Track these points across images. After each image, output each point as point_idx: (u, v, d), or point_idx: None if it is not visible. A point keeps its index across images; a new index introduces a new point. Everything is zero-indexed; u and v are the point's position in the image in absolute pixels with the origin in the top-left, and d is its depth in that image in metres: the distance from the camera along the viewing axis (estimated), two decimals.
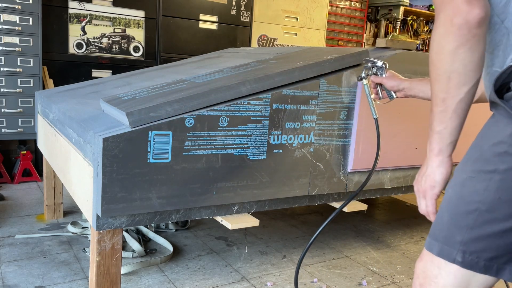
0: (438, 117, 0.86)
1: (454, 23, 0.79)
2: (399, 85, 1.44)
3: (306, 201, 1.73)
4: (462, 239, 0.80)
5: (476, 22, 0.78)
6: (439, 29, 0.82)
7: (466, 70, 0.81)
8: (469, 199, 0.80)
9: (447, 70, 0.82)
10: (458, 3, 0.79)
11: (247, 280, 1.86)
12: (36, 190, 2.84)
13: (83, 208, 1.43)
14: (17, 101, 2.76)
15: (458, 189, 0.82)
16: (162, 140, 1.30)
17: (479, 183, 0.79)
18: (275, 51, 2.08)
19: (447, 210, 0.83)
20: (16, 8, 2.67)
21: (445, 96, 0.83)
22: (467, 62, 0.80)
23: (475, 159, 0.81)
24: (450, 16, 0.79)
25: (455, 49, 0.80)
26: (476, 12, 0.78)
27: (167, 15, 3.45)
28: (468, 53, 0.80)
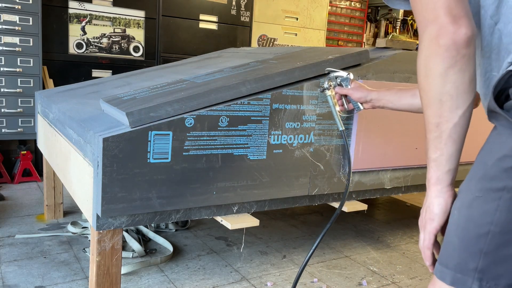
0: (433, 143, 0.81)
1: (441, 44, 0.75)
2: (366, 96, 1.38)
3: (306, 201, 1.73)
4: (477, 266, 0.74)
5: (464, 42, 0.74)
6: (425, 51, 0.78)
7: (458, 92, 0.76)
8: (480, 221, 0.74)
9: (438, 93, 0.77)
10: (443, 23, 0.75)
11: (247, 280, 1.86)
12: (36, 190, 2.84)
13: (83, 208, 1.43)
14: (17, 101, 2.76)
15: (465, 212, 0.76)
16: (162, 140, 1.30)
17: (488, 203, 0.73)
18: (275, 51, 2.08)
19: (456, 235, 0.77)
20: (16, 8, 2.67)
21: (439, 121, 0.79)
22: (458, 84, 0.76)
23: (480, 176, 0.75)
24: (435, 36, 0.76)
25: (445, 71, 0.76)
26: (463, 31, 0.74)
27: (167, 15, 3.45)
28: (458, 75, 0.76)
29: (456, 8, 0.75)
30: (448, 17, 0.74)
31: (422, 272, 2.06)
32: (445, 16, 0.75)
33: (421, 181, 2.03)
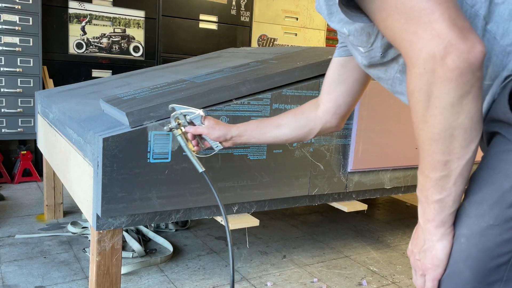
0: (439, 184, 0.67)
1: (453, 67, 0.58)
2: (226, 134, 1.19)
3: (306, 201, 1.73)
4: None
5: (480, 63, 0.59)
6: (426, 76, 0.61)
7: (472, 124, 0.62)
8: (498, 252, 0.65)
9: (448, 127, 0.62)
10: (449, 38, 0.58)
11: (247, 280, 1.86)
12: (36, 190, 2.84)
13: (83, 208, 1.43)
14: (17, 101, 2.76)
15: (477, 241, 0.67)
16: (162, 140, 1.30)
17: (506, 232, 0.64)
18: (275, 51, 2.08)
19: (467, 266, 0.68)
20: (16, 8, 2.67)
21: (448, 159, 0.64)
22: (473, 114, 0.61)
23: (494, 201, 0.65)
24: (442, 56, 0.59)
25: (458, 100, 0.60)
26: (479, 49, 0.59)
27: (167, 15, 3.45)
28: (474, 103, 0.61)
29: (459, 19, 0.59)
30: (453, 31, 0.58)
31: None
32: (449, 30, 0.58)
33: None
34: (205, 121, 1.21)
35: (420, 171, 0.70)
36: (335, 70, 1.09)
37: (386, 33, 0.66)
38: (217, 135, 1.20)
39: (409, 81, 0.64)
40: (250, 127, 1.19)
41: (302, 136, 1.16)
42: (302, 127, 1.15)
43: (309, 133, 1.15)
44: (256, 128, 1.19)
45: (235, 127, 1.20)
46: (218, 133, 1.19)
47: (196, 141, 1.23)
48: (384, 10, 0.64)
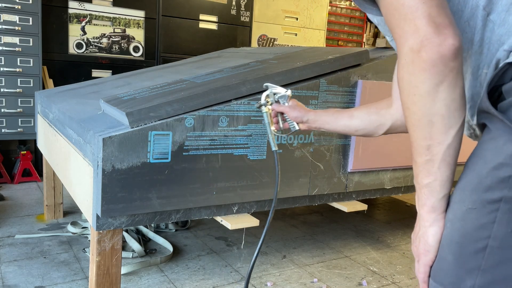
0: (424, 168, 0.72)
1: (426, 58, 0.66)
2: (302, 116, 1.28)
3: (306, 201, 1.72)
4: (474, 284, 0.68)
5: (452, 54, 0.66)
6: (407, 67, 0.68)
7: (450, 111, 0.68)
8: (476, 236, 0.67)
9: (427, 113, 0.69)
10: (425, 33, 0.66)
11: None
12: (36, 190, 2.84)
13: (83, 208, 1.43)
14: (17, 101, 2.76)
15: (459, 225, 0.70)
16: (162, 140, 1.30)
17: (484, 216, 0.67)
18: (275, 51, 2.08)
19: (450, 251, 0.71)
20: (16, 8, 2.67)
21: (430, 144, 0.70)
22: (449, 102, 0.68)
23: (473, 187, 0.69)
24: (418, 49, 0.66)
25: (433, 88, 0.67)
26: (450, 42, 0.65)
27: (167, 15, 3.45)
28: (449, 91, 0.67)
29: (438, 16, 0.66)
30: (430, 27, 0.66)
31: None
32: (427, 26, 0.66)
33: None
34: (290, 101, 1.30)
35: (413, 159, 0.75)
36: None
37: (388, 25, 0.73)
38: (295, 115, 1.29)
39: (398, 71, 0.71)
40: (326, 113, 1.26)
41: (372, 130, 1.18)
42: (372, 121, 1.17)
43: (379, 129, 1.17)
44: (331, 115, 1.25)
45: (312, 112, 1.28)
46: (297, 113, 1.28)
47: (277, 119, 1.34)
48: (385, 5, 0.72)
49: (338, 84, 1.65)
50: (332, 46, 5.05)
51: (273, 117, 1.34)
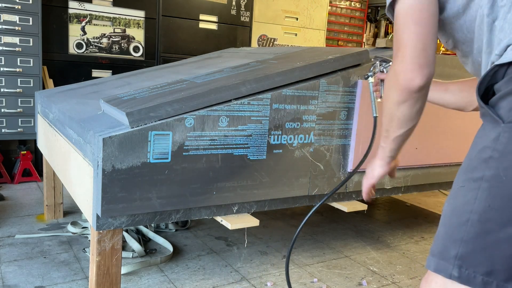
0: (383, 138, 1.10)
1: (399, 83, 0.92)
2: None
3: (306, 201, 1.72)
4: (457, 253, 0.77)
5: (416, 89, 0.91)
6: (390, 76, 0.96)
7: (404, 119, 0.99)
8: (461, 210, 0.78)
9: (390, 113, 1.00)
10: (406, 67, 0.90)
11: (247, 280, 1.86)
12: (36, 190, 2.84)
13: (83, 208, 1.43)
14: (17, 101, 2.76)
15: (452, 201, 0.81)
16: (162, 140, 1.30)
17: (469, 192, 0.77)
18: (275, 51, 2.08)
19: (442, 224, 0.82)
20: (16, 8, 2.67)
21: (387, 129, 1.05)
22: (406, 114, 0.97)
23: (465, 168, 0.81)
24: (397, 73, 0.92)
25: (397, 102, 0.96)
26: (417, 82, 0.90)
27: (167, 15, 3.45)
28: (407, 108, 0.96)
29: (418, 58, 0.89)
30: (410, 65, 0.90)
31: (422, 272, 2.06)
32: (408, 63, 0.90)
33: (421, 181, 2.03)
34: None
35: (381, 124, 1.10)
36: None
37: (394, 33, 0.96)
38: None
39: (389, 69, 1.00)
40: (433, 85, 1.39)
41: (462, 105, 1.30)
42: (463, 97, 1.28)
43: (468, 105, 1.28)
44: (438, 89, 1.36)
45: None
46: None
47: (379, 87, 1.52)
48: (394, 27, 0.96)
49: (338, 84, 1.65)
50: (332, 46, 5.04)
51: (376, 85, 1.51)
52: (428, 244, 2.40)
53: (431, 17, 0.91)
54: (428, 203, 3.17)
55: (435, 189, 2.19)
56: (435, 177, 2.08)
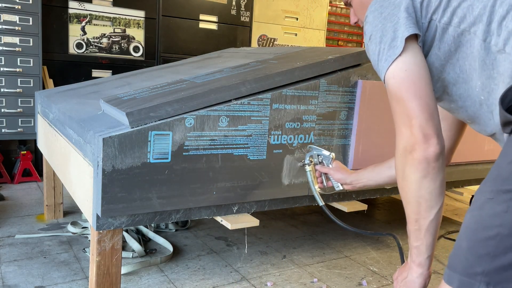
0: (414, 234, 0.95)
1: (415, 157, 0.87)
2: (346, 178, 1.41)
3: (306, 201, 1.72)
4: (484, 270, 0.73)
5: (433, 158, 0.86)
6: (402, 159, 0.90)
7: (432, 196, 0.89)
8: (489, 224, 0.73)
9: (415, 196, 0.91)
10: (417, 140, 0.86)
11: (247, 280, 1.86)
12: (36, 190, 2.84)
13: (83, 208, 1.43)
14: (17, 101, 2.76)
15: (476, 213, 0.77)
16: (162, 140, 1.30)
17: (498, 205, 0.73)
18: (275, 51, 2.08)
19: (466, 238, 0.77)
20: (16, 8, 2.67)
21: (417, 217, 0.92)
22: (431, 189, 0.89)
23: (493, 178, 0.77)
24: (409, 148, 0.88)
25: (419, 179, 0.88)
26: (432, 149, 0.86)
27: (167, 15, 3.45)
28: (431, 183, 0.88)
29: (427, 128, 0.86)
30: (421, 136, 0.86)
31: None
32: (418, 135, 0.86)
33: None
34: (333, 163, 1.44)
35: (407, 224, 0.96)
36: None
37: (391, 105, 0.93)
38: (339, 177, 1.42)
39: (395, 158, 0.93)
40: (367, 171, 1.37)
41: None
42: None
43: None
44: (371, 171, 1.36)
45: (354, 173, 1.40)
46: (340, 175, 1.42)
47: (321, 178, 1.48)
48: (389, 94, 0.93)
49: (338, 84, 1.65)
50: (332, 46, 5.04)
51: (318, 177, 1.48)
52: None
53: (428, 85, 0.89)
54: None
55: None
56: None
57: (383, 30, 0.93)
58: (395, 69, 0.90)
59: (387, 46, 0.91)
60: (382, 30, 0.93)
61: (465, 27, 0.89)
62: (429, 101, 0.88)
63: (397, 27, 0.91)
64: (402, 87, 0.89)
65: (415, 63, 0.90)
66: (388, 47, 0.91)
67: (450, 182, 2.16)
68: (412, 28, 0.90)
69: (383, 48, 0.92)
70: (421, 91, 0.88)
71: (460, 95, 0.96)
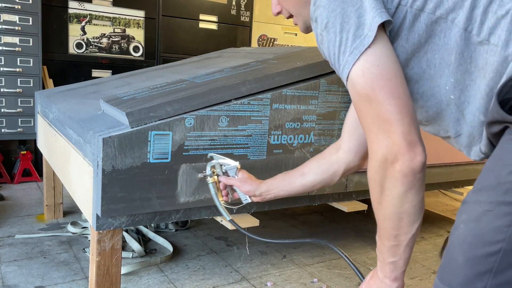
0: (391, 250, 0.84)
1: (399, 170, 0.75)
2: (255, 190, 1.23)
3: (306, 201, 1.72)
4: (485, 285, 0.67)
5: (421, 168, 0.75)
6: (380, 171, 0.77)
7: (415, 210, 0.79)
8: (490, 239, 0.67)
9: (397, 211, 0.79)
10: (400, 149, 0.74)
11: (247, 280, 1.86)
12: (36, 190, 2.84)
13: (83, 208, 1.43)
14: (17, 101, 2.76)
15: (472, 226, 0.70)
16: (162, 140, 1.30)
17: (499, 219, 0.66)
18: (275, 51, 2.08)
19: (462, 252, 0.71)
20: (16, 8, 2.67)
21: (397, 233, 0.82)
22: (416, 203, 0.78)
23: (491, 188, 0.69)
24: (392, 160, 0.75)
25: (403, 194, 0.77)
26: (419, 159, 0.75)
27: (167, 15, 3.45)
28: (415, 196, 0.78)
29: (410, 134, 0.74)
30: (404, 143, 0.74)
31: (422, 272, 2.06)
32: (401, 142, 0.74)
33: None
34: (239, 173, 1.26)
35: (378, 237, 0.86)
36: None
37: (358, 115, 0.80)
38: (247, 189, 1.24)
39: (369, 169, 0.80)
40: (277, 180, 1.22)
41: (328, 179, 1.17)
42: (325, 171, 1.16)
43: (334, 175, 1.16)
44: (282, 180, 1.22)
45: (263, 183, 1.23)
46: (249, 187, 1.23)
47: (227, 191, 1.29)
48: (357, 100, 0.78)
49: (338, 84, 1.65)
50: None
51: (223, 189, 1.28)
52: (428, 244, 2.39)
53: (404, 81, 0.77)
54: (428, 203, 3.17)
55: (435, 189, 2.19)
56: (435, 177, 2.08)
57: (343, 16, 0.76)
58: (364, 64, 0.75)
59: (351, 35, 0.75)
60: (342, 16, 0.76)
61: (442, 13, 0.77)
62: (407, 101, 0.76)
63: (362, 12, 0.75)
64: (375, 86, 0.74)
65: (387, 56, 0.76)
66: (353, 36, 0.75)
67: (450, 182, 2.16)
68: (384, 13, 0.75)
69: (345, 38, 0.76)
70: (398, 90, 0.75)
71: (422, 93, 0.85)
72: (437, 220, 2.81)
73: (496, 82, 0.75)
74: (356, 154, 1.12)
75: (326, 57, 0.84)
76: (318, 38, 0.85)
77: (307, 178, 1.18)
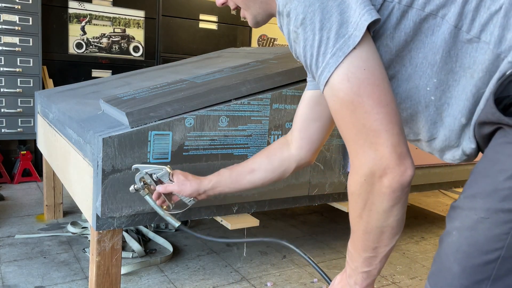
0: (367, 261, 0.81)
1: (387, 184, 0.70)
2: (198, 189, 1.13)
3: (306, 201, 1.72)
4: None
5: (409, 182, 0.70)
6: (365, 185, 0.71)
7: (398, 223, 0.75)
8: (487, 247, 0.64)
9: (380, 225, 0.75)
10: (389, 162, 0.68)
11: (247, 280, 1.86)
12: (36, 190, 2.84)
13: (83, 208, 1.43)
14: (17, 101, 2.76)
15: (467, 234, 0.66)
16: (162, 140, 1.30)
17: (497, 227, 0.63)
18: (275, 51, 2.07)
19: (457, 261, 0.68)
20: (16, 8, 2.67)
21: (377, 246, 0.78)
22: (399, 217, 0.75)
23: (487, 194, 0.65)
24: (380, 174, 0.69)
25: (389, 209, 0.72)
26: (409, 173, 0.70)
27: (167, 15, 3.45)
28: (400, 209, 0.73)
29: (399, 145, 0.69)
30: (393, 157, 0.68)
31: (422, 272, 2.06)
32: (390, 155, 0.68)
33: (420, 181, 2.03)
34: (174, 177, 1.15)
35: (353, 247, 0.82)
36: (308, 106, 1.07)
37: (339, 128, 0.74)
38: (189, 192, 1.14)
39: (351, 183, 0.74)
40: (223, 177, 1.14)
41: (278, 176, 1.13)
42: (277, 168, 1.11)
43: (285, 172, 1.12)
44: (229, 177, 1.14)
45: (207, 179, 1.14)
46: (190, 189, 1.14)
47: (162, 199, 1.18)
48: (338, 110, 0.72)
49: None
50: None
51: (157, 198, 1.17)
52: (428, 244, 2.39)
53: (390, 87, 0.71)
54: (428, 203, 3.17)
55: (435, 189, 2.19)
56: (435, 177, 2.08)
57: (323, 11, 0.68)
58: (349, 68, 0.68)
59: (332, 34, 0.68)
60: (321, 11, 0.68)
61: (432, 9, 0.72)
62: (396, 108, 0.70)
63: (344, 7, 0.68)
64: (362, 93, 0.68)
65: (373, 58, 0.69)
66: (336, 35, 0.68)
67: (450, 182, 2.16)
68: (372, 10, 0.68)
69: (326, 37, 0.68)
70: (386, 97, 0.68)
71: (398, 94, 0.79)
72: (437, 220, 2.81)
73: (484, 83, 0.71)
74: (308, 151, 1.09)
75: (300, 58, 0.76)
76: (290, 35, 0.76)
77: (256, 175, 1.12)
